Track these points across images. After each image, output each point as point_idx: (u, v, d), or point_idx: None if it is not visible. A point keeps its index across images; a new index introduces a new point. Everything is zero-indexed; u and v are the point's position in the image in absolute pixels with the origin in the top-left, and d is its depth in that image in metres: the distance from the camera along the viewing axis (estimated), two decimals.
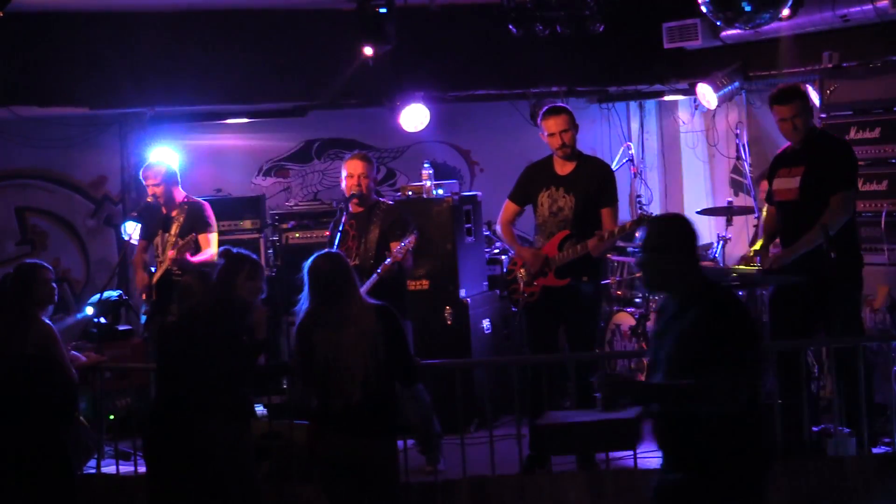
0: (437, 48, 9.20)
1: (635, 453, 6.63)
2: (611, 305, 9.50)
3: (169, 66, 9.22)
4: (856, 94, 8.49)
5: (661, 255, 4.35)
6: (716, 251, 8.93)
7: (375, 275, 6.94)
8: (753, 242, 7.40)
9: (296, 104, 9.91)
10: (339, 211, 7.53)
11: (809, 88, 7.43)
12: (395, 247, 7.10)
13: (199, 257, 7.82)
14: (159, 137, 9.92)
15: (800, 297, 6.75)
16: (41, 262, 6.69)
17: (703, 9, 7.42)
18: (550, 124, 7.12)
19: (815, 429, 6.62)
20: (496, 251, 9.43)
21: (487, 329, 8.61)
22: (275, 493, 6.49)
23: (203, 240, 7.93)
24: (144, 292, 8.10)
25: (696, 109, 10.37)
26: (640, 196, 10.56)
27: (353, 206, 7.40)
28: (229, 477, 5.51)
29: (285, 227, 9.42)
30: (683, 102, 10.68)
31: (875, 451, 6.70)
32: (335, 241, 7.22)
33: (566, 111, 7.19)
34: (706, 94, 9.17)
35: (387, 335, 5.40)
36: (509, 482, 6.64)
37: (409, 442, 6.90)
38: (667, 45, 9.27)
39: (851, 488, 6.39)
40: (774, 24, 7.88)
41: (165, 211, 8.07)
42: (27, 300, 6.41)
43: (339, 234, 7.28)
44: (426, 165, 8.86)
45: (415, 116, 9.46)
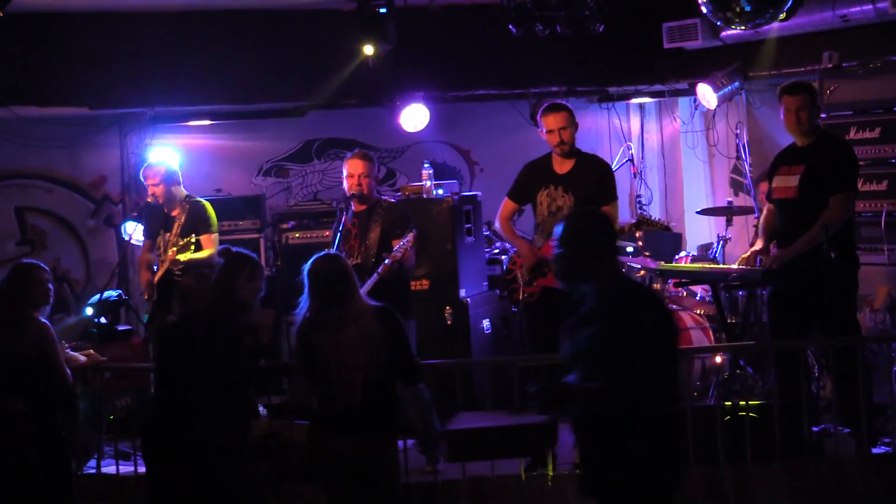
0: (437, 48, 9.20)
1: None
2: None
3: (169, 66, 9.22)
4: (856, 94, 8.50)
5: (578, 250, 4.31)
6: (716, 251, 8.93)
7: (376, 275, 6.94)
8: (753, 242, 7.39)
9: (296, 104, 9.91)
10: (339, 211, 7.52)
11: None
12: (396, 245, 7.10)
13: (197, 256, 7.81)
14: (159, 137, 9.93)
15: (799, 296, 6.75)
16: (37, 262, 6.69)
17: (703, 9, 7.42)
18: (549, 121, 7.12)
19: (815, 429, 6.62)
20: (496, 251, 9.43)
21: (487, 329, 8.61)
22: (275, 493, 6.48)
23: (204, 240, 7.93)
24: (146, 291, 8.11)
25: (696, 109, 10.37)
26: (640, 196, 10.56)
27: (355, 206, 7.40)
28: (231, 477, 5.51)
29: (285, 227, 9.42)
30: (683, 102, 10.67)
31: (875, 451, 6.70)
32: (336, 241, 7.22)
33: (565, 108, 7.19)
34: (706, 94, 9.17)
35: (387, 336, 5.39)
36: (509, 482, 6.63)
37: (409, 442, 6.90)
38: (667, 45, 9.27)
39: (851, 488, 6.39)
40: (774, 24, 7.88)
41: (167, 211, 8.07)
42: (23, 300, 6.40)
43: (339, 233, 7.28)
44: (426, 165, 8.86)
45: (415, 116, 9.46)
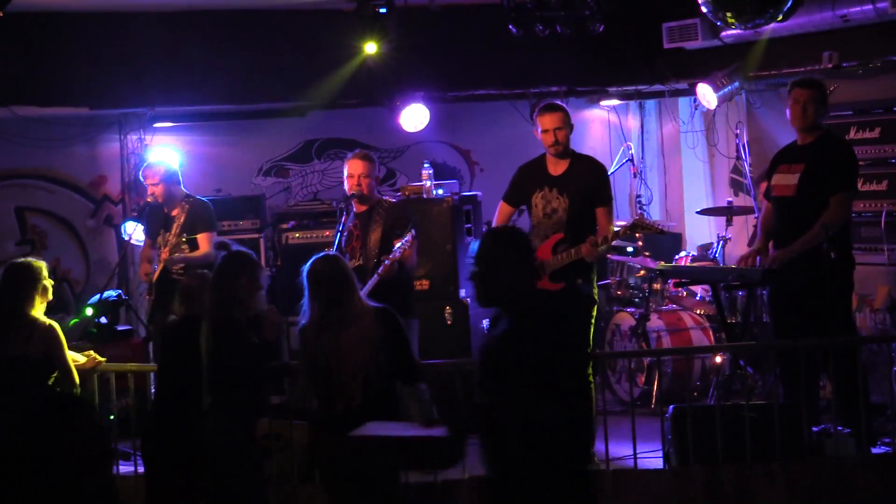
0: (437, 48, 9.20)
1: (635, 453, 6.63)
2: (611, 305, 9.51)
3: (169, 66, 9.22)
4: (856, 94, 8.50)
5: (493, 270, 4.25)
6: (716, 251, 8.94)
7: (376, 276, 6.94)
8: (753, 242, 7.40)
9: (296, 104, 9.91)
10: (339, 211, 7.52)
11: None
12: (395, 245, 7.10)
13: (194, 255, 7.81)
14: (159, 137, 9.93)
15: (800, 296, 6.75)
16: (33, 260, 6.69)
17: (703, 9, 7.42)
18: (545, 121, 7.07)
19: (815, 429, 6.63)
20: None
21: (487, 329, 8.60)
22: (275, 493, 6.48)
23: (202, 238, 7.93)
24: (146, 281, 8.14)
25: (696, 109, 10.36)
26: (640, 196, 10.57)
27: (356, 206, 7.40)
28: (235, 477, 5.51)
29: (285, 227, 9.42)
30: (683, 102, 10.67)
31: (874, 451, 6.71)
32: (338, 242, 7.22)
33: (561, 109, 7.14)
34: (706, 94, 9.17)
35: (387, 337, 5.39)
36: None
37: None
38: (667, 45, 9.27)
39: (851, 488, 6.39)
40: (774, 24, 7.88)
41: (166, 211, 8.07)
42: (23, 300, 6.38)
43: (339, 234, 7.28)
44: (426, 165, 8.86)
45: (415, 116, 9.45)
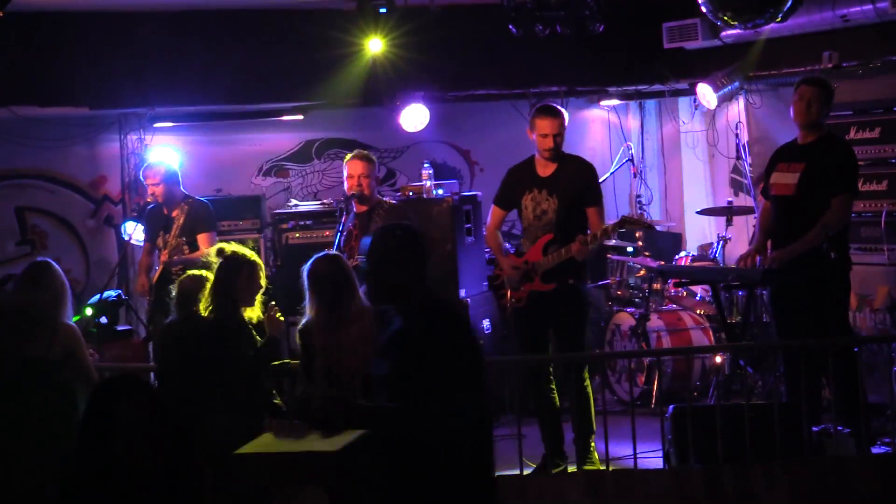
0: (437, 48, 9.20)
1: (635, 453, 6.63)
2: (611, 305, 9.51)
3: (169, 66, 9.22)
4: (856, 94, 8.49)
5: (384, 269, 4.20)
6: (716, 251, 8.94)
7: None
8: (752, 241, 7.40)
9: (296, 104, 9.92)
10: (339, 211, 7.52)
11: None
12: None
13: (194, 256, 7.81)
14: (159, 137, 9.93)
15: (800, 296, 6.75)
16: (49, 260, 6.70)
17: (703, 9, 7.42)
18: (545, 125, 6.99)
19: (815, 429, 6.63)
20: None
21: (487, 329, 8.61)
22: (276, 493, 6.47)
23: (201, 239, 7.93)
24: (146, 294, 8.13)
25: (696, 109, 10.37)
26: (639, 196, 10.56)
27: (356, 206, 7.40)
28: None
29: (285, 227, 9.42)
30: (683, 102, 10.67)
31: (874, 450, 6.71)
32: (338, 241, 7.23)
33: (561, 114, 7.08)
34: (706, 94, 9.17)
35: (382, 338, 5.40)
36: (509, 482, 6.63)
37: None
38: (667, 45, 9.27)
39: (851, 488, 6.39)
40: (774, 24, 7.88)
41: (166, 211, 8.07)
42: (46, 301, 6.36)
43: (339, 234, 7.29)
44: (426, 165, 8.86)
45: (415, 116, 9.45)
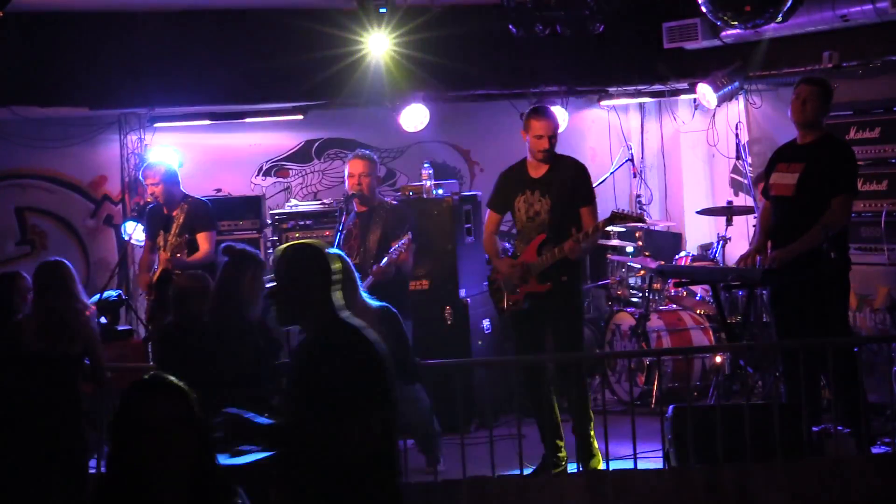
0: (438, 48, 9.20)
1: (635, 453, 6.63)
2: (611, 305, 9.51)
3: (169, 66, 9.22)
4: (856, 94, 8.49)
5: (289, 288, 4.19)
6: (716, 251, 8.94)
7: (370, 277, 6.95)
8: (752, 242, 7.40)
9: (296, 104, 9.92)
10: (339, 211, 7.53)
11: None
12: (392, 247, 7.11)
13: (194, 258, 7.81)
14: (159, 137, 9.93)
15: (800, 296, 6.75)
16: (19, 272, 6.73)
17: (703, 9, 7.42)
18: (540, 126, 6.96)
19: (815, 429, 6.63)
20: None
21: (487, 329, 8.61)
22: (276, 494, 6.47)
23: (200, 238, 7.93)
24: (146, 292, 8.13)
25: (696, 109, 10.37)
26: (639, 196, 10.57)
27: (357, 206, 7.41)
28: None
29: (285, 227, 9.42)
30: (683, 102, 10.67)
31: (874, 450, 6.71)
32: (337, 241, 7.23)
33: (554, 115, 7.10)
34: (706, 94, 9.18)
35: (389, 336, 5.40)
36: (509, 482, 6.64)
37: (409, 442, 6.90)
38: (667, 45, 9.27)
39: (851, 488, 6.39)
40: (774, 24, 7.88)
41: (166, 211, 8.07)
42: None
43: (339, 233, 7.30)
44: (426, 165, 8.86)
45: (415, 116, 9.46)
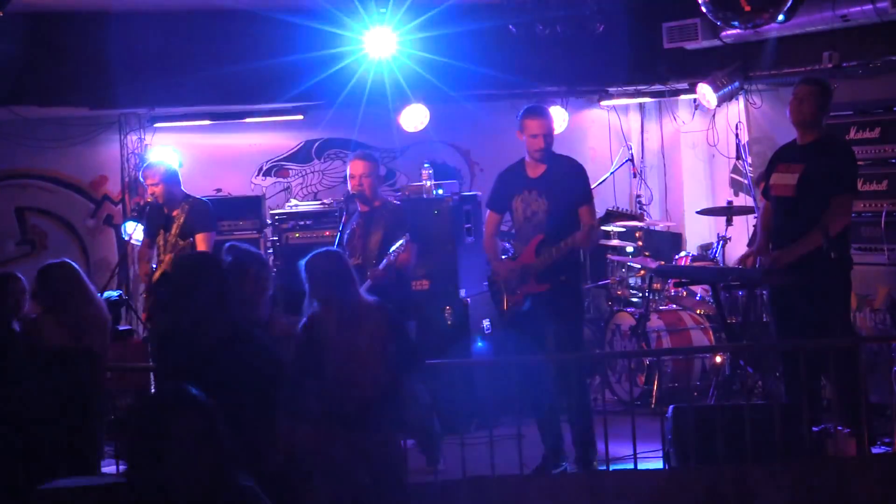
0: (438, 48, 9.20)
1: (635, 453, 6.63)
2: (611, 305, 9.51)
3: (169, 66, 9.21)
4: (856, 94, 8.49)
5: (184, 298, 4.18)
6: (716, 251, 8.94)
7: (369, 279, 6.96)
8: (753, 242, 7.40)
9: (296, 104, 9.92)
10: (339, 211, 7.54)
11: None
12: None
13: None
14: (159, 137, 9.93)
15: (799, 296, 6.76)
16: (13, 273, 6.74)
17: (703, 9, 7.42)
18: (535, 125, 6.95)
19: (815, 429, 6.63)
20: None
21: (487, 329, 8.61)
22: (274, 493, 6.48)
23: (200, 239, 7.92)
24: (145, 282, 8.14)
25: (696, 109, 10.37)
26: (640, 196, 10.57)
27: (360, 206, 7.41)
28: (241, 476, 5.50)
29: (285, 227, 9.42)
30: (683, 102, 10.67)
31: (874, 450, 6.71)
32: (340, 240, 7.24)
33: (550, 114, 7.09)
34: (706, 94, 9.17)
35: (389, 328, 5.42)
36: (509, 482, 6.63)
37: (409, 442, 6.90)
38: (667, 45, 9.27)
39: (851, 488, 6.39)
40: (774, 24, 7.88)
41: (166, 211, 8.07)
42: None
43: (341, 233, 7.31)
44: (426, 165, 8.86)
45: (415, 116, 9.46)
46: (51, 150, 9.90)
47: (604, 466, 6.82)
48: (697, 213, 9.86)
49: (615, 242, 9.62)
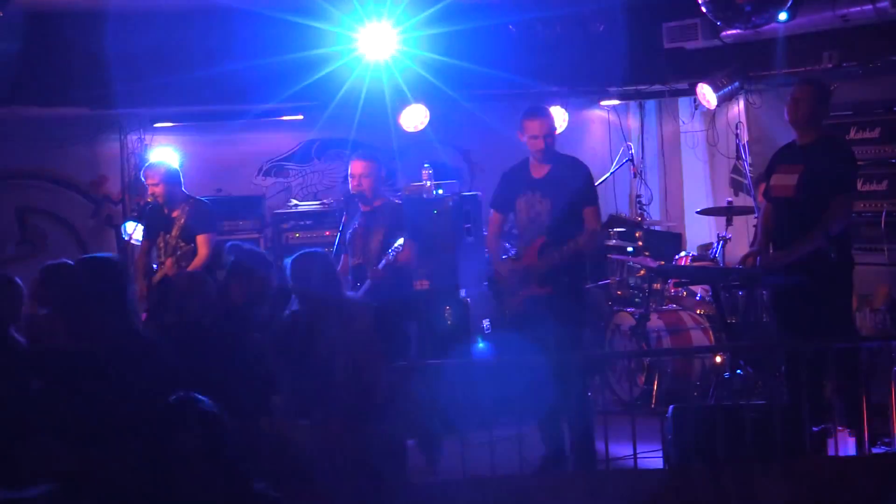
0: (438, 48, 9.20)
1: (635, 453, 6.63)
2: (611, 305, 9.51)
3: (169, 66, 9.21)
4: (856, 94, 8.50)
5: (77, 306, 4.22)
6: (716, 251, 8.94)
7: (368, 279, 6.96)
8: (753, 242, 7.40)
9: (296, 104, 9.92)
10: (340, 210, 7.54)
11: None
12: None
13: (192, 265, 7.79)
14: (159, 137, 9.93)
15: (800, 297, 6.76)
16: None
17: (703, 9, 7.43)
18: (534, 126, 6.91)
19: (815, 429, 6.63)
20: None
21: (488, 329, 8.61)
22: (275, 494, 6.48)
23: (199, 241, 7.92)
24: (142, 298, 8.13)
25: (696, 109, 10.37)
26: (640, 196, 10.57)
27: (362, 206, 7.42)
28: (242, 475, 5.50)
29: (285, 227, 9.43)
30: (683, 102, 10.68)
31: (874, 451, 6.71)
32: (342, 240, 7.25)
33: (549, 114, 7.04)
34: (706, 94, 9.18)
35: (376, 327, 5.43)
36: (509, 482, 6.63)
37: (409, 442, 6.90)
38: (667, 45, 9.27)
39: (851, 488, 6.39)
40: (774, 24, 7.88)
41: (167, 211, 8.07)
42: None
43: (341, 233, 7.32)
44: (426, 165, 8.86)
45: (415, 116, 9.46)
46: (51, 150, 9.90)
47: (604, 466, 6.82)
48: (697, 213, 9.86)
49: (615, 242, 9.62)
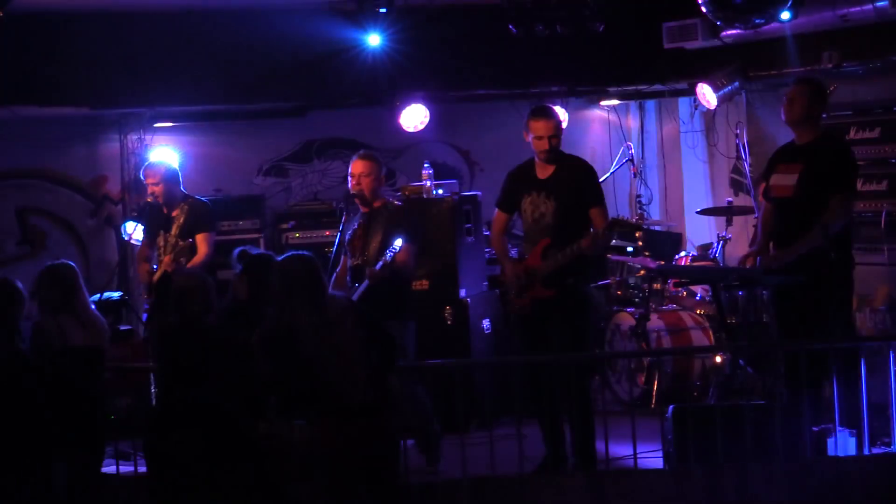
0: (437, 48, 9.20)
1: (635, 453, 6.63)
2: (611, 305, 9.51)
3: (169, 66, 9.22)
4: (856, 94, 8.50)
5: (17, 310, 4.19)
6: (716, 251, 8.95)
7: (366, 281, 6.95)
8: (753, 242, 7.40)
9: (296, 104, 9.92)
10: (339, 211, 7.53)
11: None
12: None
13: (192, 262, 7.79)
14: (159, 137, 9.93)
15: (800, 297, 6.76)
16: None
17: (703, 9, 7.43)
18: (540, 127, 6.88)
19: (815, 429, 6.63)
20: None
21: (487, 329, 8.61)
22: (274, 493, 6.48)
23: (199, 240, 7.90)
24: (145, 288, 8.13)
25: (696, 109, 10.37)
26: (640, 196, 10.57)
27: (361, 206, 7.41)
28: (243, 476, 5.51)
29: (285, 227, 9.42)
30: (683, 102, 10.68)
31: (875, 451, 6.71)
32: (341, 240, 7.24)
33: (555, 115, 7.00)
34: (706, 94, 9.18)
35: (364, 327, 5.43)
36: (509, 482, 6.64)
37: (409, 442, 6.91)
38: (667, 45, 9.27)
39: (851, 488, 6.39)
40: (774, 24, 7.88)
41: (166, 211, 8.07)
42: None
43: (341, 234, 7.31)
44: (426, 165, 8.86)
45: (415, 116, 9.46)
46: (51, 150, 9.90)
47: (604, 466, 6.82)
48: (697, 213, 9.86)
49: (615, 242, 9.62)
